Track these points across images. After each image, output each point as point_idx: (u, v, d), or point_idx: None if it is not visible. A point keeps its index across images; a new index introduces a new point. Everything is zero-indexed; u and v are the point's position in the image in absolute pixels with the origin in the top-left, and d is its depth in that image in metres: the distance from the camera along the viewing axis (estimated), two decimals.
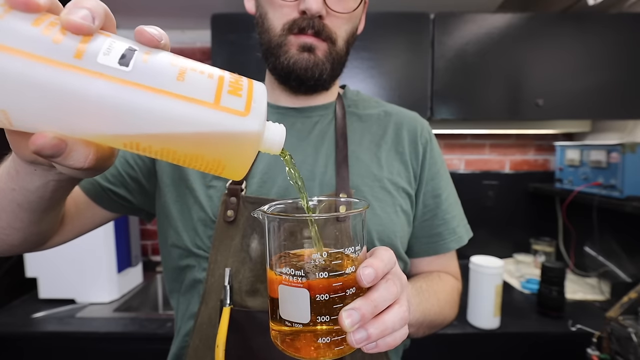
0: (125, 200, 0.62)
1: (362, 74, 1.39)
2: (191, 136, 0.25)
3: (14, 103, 0.22)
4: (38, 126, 0.24)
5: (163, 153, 0.26)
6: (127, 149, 0.25)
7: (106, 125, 0.24)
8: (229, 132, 0.25)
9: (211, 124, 0.25)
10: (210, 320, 0.55)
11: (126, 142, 0.25)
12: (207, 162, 0.27)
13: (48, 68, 0.22)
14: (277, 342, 0.34)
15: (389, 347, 0.33)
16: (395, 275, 0.34)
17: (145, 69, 0.24)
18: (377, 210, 0.58)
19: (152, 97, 0.23)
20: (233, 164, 0.27)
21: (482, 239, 1.72)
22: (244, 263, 0.54)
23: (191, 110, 0.24)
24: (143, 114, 0.23)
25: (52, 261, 1.29)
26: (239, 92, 0.26)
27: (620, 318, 0.96)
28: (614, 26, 1.37)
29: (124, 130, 0.24)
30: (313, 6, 0.52)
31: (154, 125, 0.24)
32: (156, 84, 0.24)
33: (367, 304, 0.31)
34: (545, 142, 1.82)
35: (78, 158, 0.25)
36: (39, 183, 0.36)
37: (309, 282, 0.31)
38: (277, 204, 0.36)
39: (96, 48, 0.23)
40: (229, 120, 0.25)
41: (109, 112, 0.23)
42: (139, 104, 0.23)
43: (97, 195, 0.60)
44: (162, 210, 0.61)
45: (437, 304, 0.56)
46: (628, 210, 1.21)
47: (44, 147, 0.23)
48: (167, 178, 0.60)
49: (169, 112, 0.24)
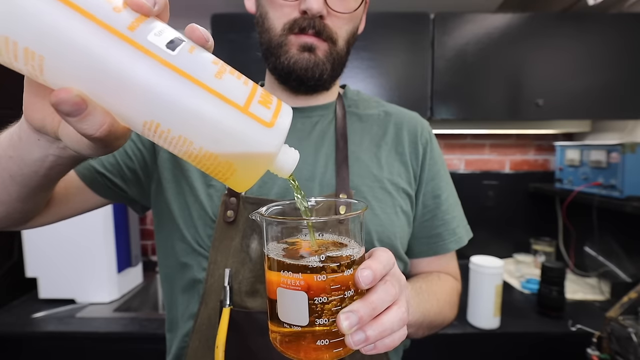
0: (120, 189, 0.61)
1: (362, 74, 1.39)
2: (213, 132, 0.25)
3: (55, 53, 0.22)
4: (66, 83, 0.24)
5: (178, 142, 0.26)
6: (143, 129, 0.25)
7: (134, 100, 0.24)
8: (249, 138, 0.26)
9: (236, 125, 0.26)
10: (209, 321, 0.54)
11: (147, 122, 0.25)
12: (218, 163, 0.27)
13: (100, 30, 0.23)
14: (276, 343, 0.34)
15: (388, 348, 0.33)
16: (394, 277, 0.34)
17: (189, 59, 0.25)
18: (377, 210, 0.58)
19: (188, 85, 0.24)
20: (242, 172, 0.27)
21: (482, 239, 1.72)
22: (244, 264, 0.54)
23: (221, 107, 0.25)
24: (174, 97, 0.24)
25: (52, 261, 1.29)
26: (268, 104, 0.27)
27: (620, 318, 0.96)
28: (614, 26, 1.37)
29: (150, 108, 0.24)
30: (314, 6, 0.52)
31: (181, 112, 0.24)
32: (195, 74, 0.24)
33: (365, 306, 0.31)
34: (545, 142, 1.82)
35: (93, 123, 0.24)
36: (38, 155, 0.35)
37: (307, 285, 0.31)
38: (275, 206, 0.36)
39: (149, 27, 0.24)
40: (253, 126, 0.26)
41: (142, 88, 0.24)
42: (172, 88, 0.24)
43: (93, 181, 0.59)
44: (163, 205, 0.60)
45: (436, 305, 0.56)
46: (628, 210, 1.21)
47: (65, 102, 0.23)
48: (168, 174, 0.60)
49: (200, 103, 0.25)
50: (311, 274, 0.31)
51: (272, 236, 0.34)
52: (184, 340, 0.59)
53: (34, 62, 0.23)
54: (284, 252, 0.32)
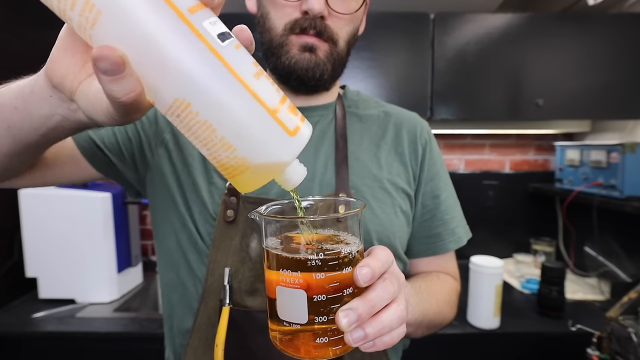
0: (116, 168, 0.61)
1: (362, 74, 1.39)
2: (240, 126, 0.26)
3: (115, 11, 0.23)
4: (112, 43, 0.24)
5: (201, 127, 0.26)
6: (171, 106, 0.26)
7: (174, 75, 0.25)
8: (271, 140, 0.27)
9: (262, 125, 0.27)
10: (209, 320, 0.55)
11: (179, 99, 0.25)
12: (233, 157, 0.27)
13: (163, 3, 0.24)
14: (276, 342, 0.34)
15: (387, 345, 0.33)
16: (393, 275, 0.35)
17: (234, 53, 0.26)
18: (376, 210, 0.58)
19: (228, 76, 0.25)
20: (251, 173, 0.28)
21: (482, 239, 1.72)
22: (244, 263, 0.54)
23: (253, 105, 0.26)
24: (213, 84, 0.25)
25: (52, 261, 1.29)
26: (294, 115, 0.28)
27: (620, 318, 0.96)
28: (614, 26, 1.37)
29: (187, 87, 0.25)
30: (315, 6, 0.52)
31: (216, 98, 0.25)
32: (237, 69, 0.26)
33: (364, 303, 0.31)
34: (545, 142, 1.82)
35: (124, 87, 0.25)
36: (45, 112, 0.34)
37: (306, 283, 0.31)
38: (274, 205, 0.36)
39: (206, 15, 0.26)
40: (277, 131, 0.27)
41: (186, 67, 0.24)
42: (214, 75, 0.25)
43: (92, 153, 0.59)
44: (165, 194, 0.60)
45: (436, 304, 0.56)
46: (628, 210, 1.21)
47: (107, 58, 0.23)
48: (168, 167, 0.59)
49: (235, 95, 0.26)
50: (310, 272, 0.31)
51: (271, 235, 0.35)
52: (184, 337, 0.59)
53: (90, 15, 0.23)
54: (282, 251, 0.32)
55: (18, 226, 1.30)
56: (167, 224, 0.59)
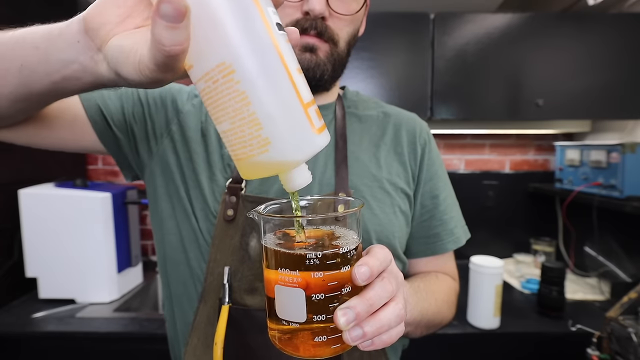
0: (119, 142, 0.60)
1: (362, 74, 1.39)
2: (274, 107, 0.27)
3: None
4: None
5: (235, 97, 0.27)
6: (214, 70, 0.26)
7: (228, 40, 0.26)
8: (297, 130, 0.28)
9: (293, 113, 0.28)
10: (208, 319, 0.55)
11: (224, 63, 0.26)
12: (257, 136, 0.27)
13: None
14: (275, 340, 0.34)
15: (385, 344, 0.33)
16: (391, 274, 0.35)
17: (285, 44, 0.28)
18: (375, 210, 0.58)
19: (277, 60, 0.27)
20: (264, 159, 0.28)
21: (482, 239, 1.72)
22: (243, 262, 0.54)
23: (290, 94, 0.28)
24: (262, 59, 0.27)
25: (52, 261, 1.29)
26: (320, 117, 0.30)
27: (620, 318, 0.96)
28: (614, 26, 1.37)
29: (237, 54, 0.26)
30: (316, 7, 0.52)
31: (261, 74, 0.26)
32: (285, 57, 0.28)
33: (363, 302, 0.31)
34: (545, 142, 1.82)
35: (175, 37, 0.25)
36: (66, 56, 0.33)
37: (304, 282, 0.31)
38: (273, 204, 0.36)
39: (270, 4, 0.28)
40: (305, 124, 0.28)
41: (244, 36, 0.26)
42: (265, 52, 0.27)
43: (97, 119, 0.57)
44: (170, 187, 0.59)
45: (434, 304, 0.56)
46: (628, 210, 1.21)
47: (173, 2, 0.23)
48: (175, 158, 0.59)
49: (278, 78, 0.27)
50: (308, 271, 0.31)
51: (269, 234, 0.35)
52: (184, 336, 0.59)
53: None
54: (281, 250, 0.32)
55: (18, 226, 1.30)
56: (171, 219, 0.59)
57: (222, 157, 0.58)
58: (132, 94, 0.60)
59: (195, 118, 0.61)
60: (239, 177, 0.57)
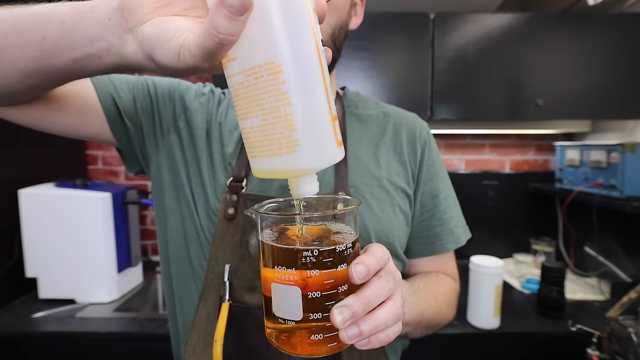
0: (129, 133, 0.59)
1: (362, 74, 1.39)
2: (310, 112, 0.28)
3: None
4: None
5: (276, 95, 0.28)
6: (260, 66, 0.28)
7: (287, 43, 0.27)
8: (324, 138, 0.30)
9: (325, 123, 0.29)
10: (208, 317, 0.55)
11: (274, 62, 0.27)
12: (288, 136, 0.28)
13: None
14: (272, 339, 0.34)
15: (382, 343, 0.33)
16: (389, 272, 0.34)
17: (324, 59, 0.30)
18: (375, 209, 0.58)
19: (318, 70, 0.29)
20: (286, 159, 0.29)
21: (482, 239, 1.72)
22: (244, 260, 0.54)
23: (325, 104, 0.29)
24: (310, 66, 0.28)
25: (52, 261, 1.29)
26: (339, 133, 0.32)
27: (620, 318, 0.96)
28: (614, 26, 1.37)
29: (289, 55, 0.27)
30: None
31: (308, 79, 0.28)
32: (325, 70, 0.30)
33: (359, 300, 0.31)
34: (545, 142, 1.82)
35: (231, 27, 0.25)
36: (93, 33, 0.33)
37: (300, 280, 0.31)
38: (271, 202, 0.36)
39: (316, 20, 0.29)
40: (330, 135, 0.30)
41: (300, 41, 0.28)
42: (312, 61, 0.28)
43: (110, 107, 0.56)
44: (176, 183, 0.59)
45: (434, 304, 0.56)
46: (628, 210, 1.21)
47: None
48: (181, 155, 0.59)
49: (319, 87, 0.29)
50: (305, 269, 0.31)
51: (266, 232, 0.35)
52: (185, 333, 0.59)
53: None
54: (278, 249, 0.32)
55: (18, 226, 1.30)
56: (176, 215, 0.59)
57: (224, 157, 0.59)
58: (142, 87, 0.60)
59: (201, 116, 0.61)
60: (240, 176, 0.57)
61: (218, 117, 0.61)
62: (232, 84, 0.30)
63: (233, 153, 0.59)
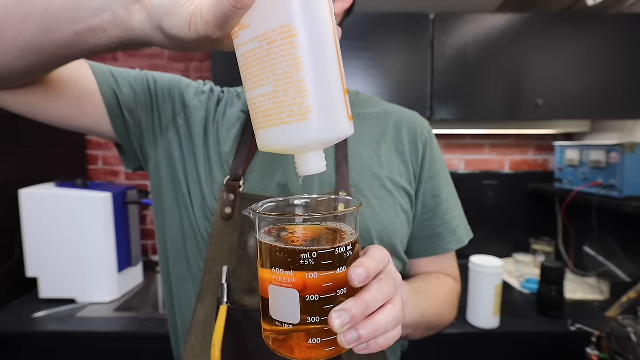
0: (128, 126, 0.58)
1: (362, 74, 1.39)
2: (323, 80, 0.28)
3: None
4: None
5: (289, 60, 0.27)
6: (271, 31, 0.27)
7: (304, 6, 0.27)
8: (336, 108, 0.29)
9: (338, 94, 0.29)
10: (206, 319, 0.54)
11: (290, 25, 0.27)
12: (300, 102, 0.28)
13: None
14: (269, 342, 0.33)
15: (381, 348, 0.32)
16: (389, 275, 0.34)
17: (337, 36, 0.30)
18: (377, 209, 0.58)
19: (332, 39, 0.28)
20: (296, 127, 0.28)
21: (482, 239, 1.72)
22: (242, 261, 0.54)
23: (338, 76, 0.29)
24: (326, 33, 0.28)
25: (52, 261, 1.29)
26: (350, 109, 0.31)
27: (619, 318, 0.96)
28: (614, 26, 1.37)
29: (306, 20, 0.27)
30: None
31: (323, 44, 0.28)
32: (337, 41, 0.29)
33: (358, 304, 0.30)
34: (544, 142, 1.82)
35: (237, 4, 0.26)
36: (100, 4, 0.32)
37: (298, 282, 0.30)
38: (269, 202, 0.35)
39: None
40: (342, 107, 0.29)
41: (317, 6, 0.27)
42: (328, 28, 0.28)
43: (111, 97, 0.55)
44: (175, 181, 0.59)
45: (435, 305, 0.55)
46: (627, 210, 1.21)
47: None
48: (180, 153, 0.59)
49: (333, 57, 0.29)
50: (303, 271, 0.30)
51: (264, 233, 0.34)
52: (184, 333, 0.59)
53: None
54: (276, 250, 0.32)
55: (18, 226, 1.30)
56: (174, 214, 0.58)
57: (220, 155, 0.58)
58: (142, 82, 0.59)
59: (200, 114, 0.61)
60: (237, 174, 0.56)
61: (216, 116, 0.61)
62: (243, 52, 0.29)
63: (230, 151, 0.58)
